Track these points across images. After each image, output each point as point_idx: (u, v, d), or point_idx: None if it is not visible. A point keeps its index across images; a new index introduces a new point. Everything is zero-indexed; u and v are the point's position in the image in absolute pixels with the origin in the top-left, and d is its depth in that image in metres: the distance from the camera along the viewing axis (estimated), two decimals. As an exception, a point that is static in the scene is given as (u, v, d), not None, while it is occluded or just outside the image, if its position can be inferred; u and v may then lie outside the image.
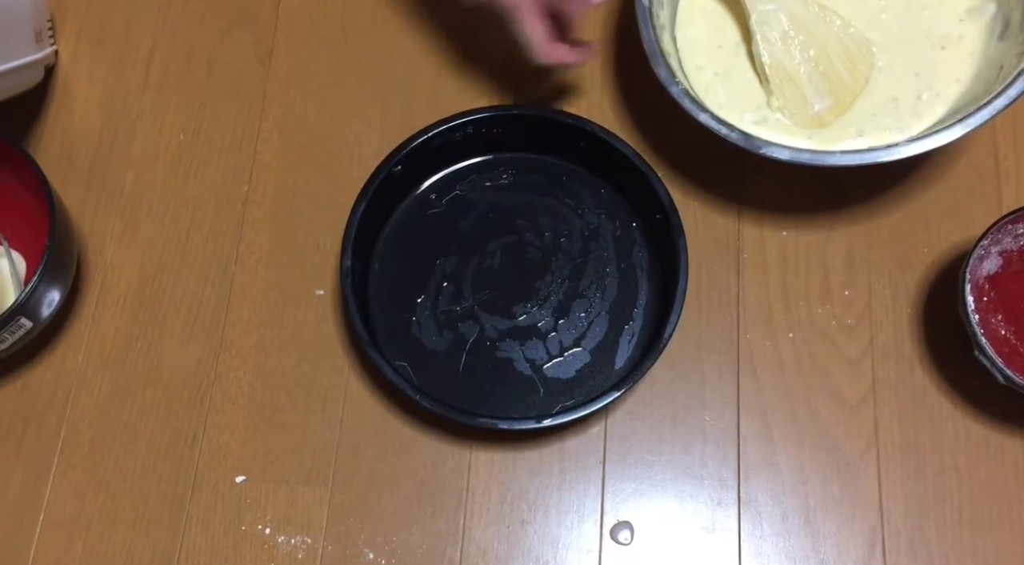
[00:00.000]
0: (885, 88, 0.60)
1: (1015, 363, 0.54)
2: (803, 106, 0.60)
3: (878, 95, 0.60)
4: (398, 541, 0.57)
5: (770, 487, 0.57)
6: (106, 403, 0.61)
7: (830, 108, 0.60)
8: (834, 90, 0.60)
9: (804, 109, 0.60)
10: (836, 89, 0.60)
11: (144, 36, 0.70)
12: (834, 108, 0.60)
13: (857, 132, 0.59)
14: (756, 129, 0.59)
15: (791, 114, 0.60)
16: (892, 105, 0.59)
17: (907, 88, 0.60)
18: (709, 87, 0.61)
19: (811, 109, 0.60)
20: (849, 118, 0.60)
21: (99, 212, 0.65)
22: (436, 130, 0.61)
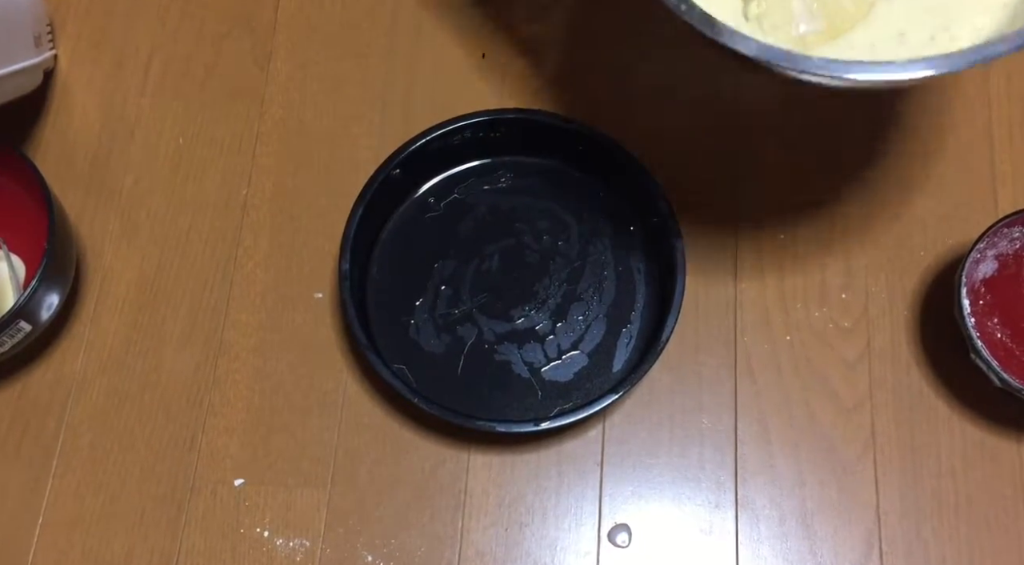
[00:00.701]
0: (892, 19, 0.49)
1: (1011, 366, 0.54)
2: (786, 21, 0.50)
3: (882, 26, 0.49)
4: (396, 544, 0.57)
5: (767, 490, 0.58)
6: (105, 406, 0.61)
7: (818, 31, 0.50)
8: (828, 10, 0.50)
9: (787, 25, 0.50)
10: (831, 9, 0.50)
11: (143, 40, 0.70)
12: (824, 32, 0.50)
13: None
14: None
15: (770, 28, 0.50)
16: (897, 41, 0.49)
17: (919, 24, 0.49)
18: None
19: (795, 28, 0.50)
20: (840, 46, 0.49)
21: (98, 215, 0.65)
22: (434, 133, 0.61)
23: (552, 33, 0.68)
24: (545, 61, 0.68)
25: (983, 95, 0.65)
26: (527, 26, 0.69)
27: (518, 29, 0.69)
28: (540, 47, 0.68)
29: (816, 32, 0.50)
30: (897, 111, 0.65)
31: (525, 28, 0.68)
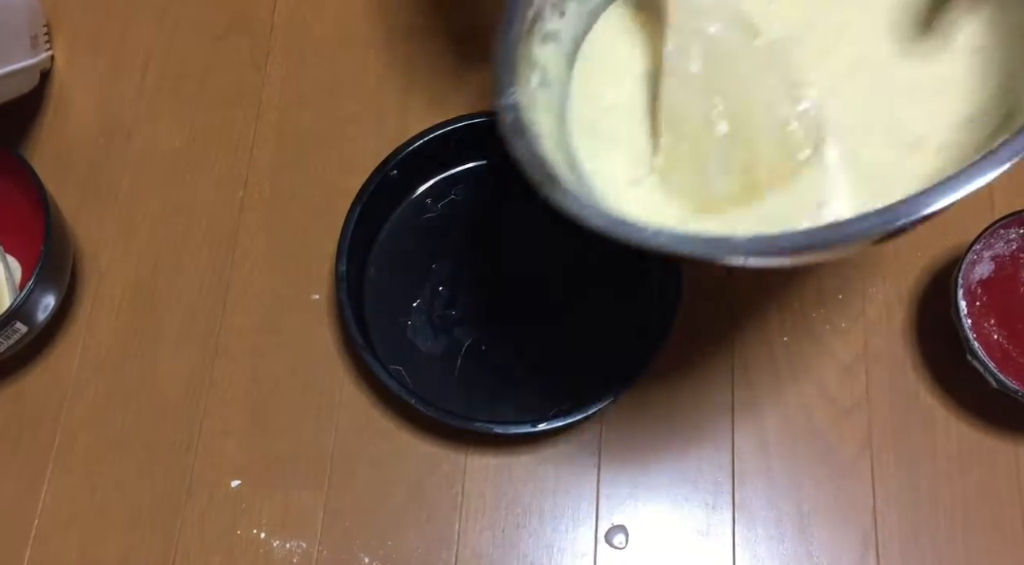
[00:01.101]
0: (817, 186, 0.41)
1: (1008, 367, 0.54)
2: (695, 180, 0.43)
3: (804, 191, 0.41)
4: (393, 545, 0.57)
5: (764, 491, 0.58)
6: (101, 408, 0.61)
7: (730, 194, 0.42)
8: (746, 172, 0.42)
9: (695, 184, 0.43)
10: (749, 171, 0.42)
11: (140, 42, 0.70)
12: (736, 196, 0.42)
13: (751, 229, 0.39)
14: (627, 190, 0.43)
15: (674, 185, 0.43)
16: (816, 211, 0.41)
17: (848, 195, 0.41)
18: (594, 122, 0.45)
19: (705, 187, 0.43)
20: (748, 212, 0.42)
21: (95, 217, 0.65)
22: (432, 135, 0.61)
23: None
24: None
25: (979, 97, 0.65)
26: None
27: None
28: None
29: (727, 194, 0.43)
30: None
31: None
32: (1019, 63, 0.35)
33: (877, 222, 0.34)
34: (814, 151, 0.42)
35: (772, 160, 0.42)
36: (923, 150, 0.41)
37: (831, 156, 0.42)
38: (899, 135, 0.41)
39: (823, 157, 0.42)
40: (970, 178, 0.34)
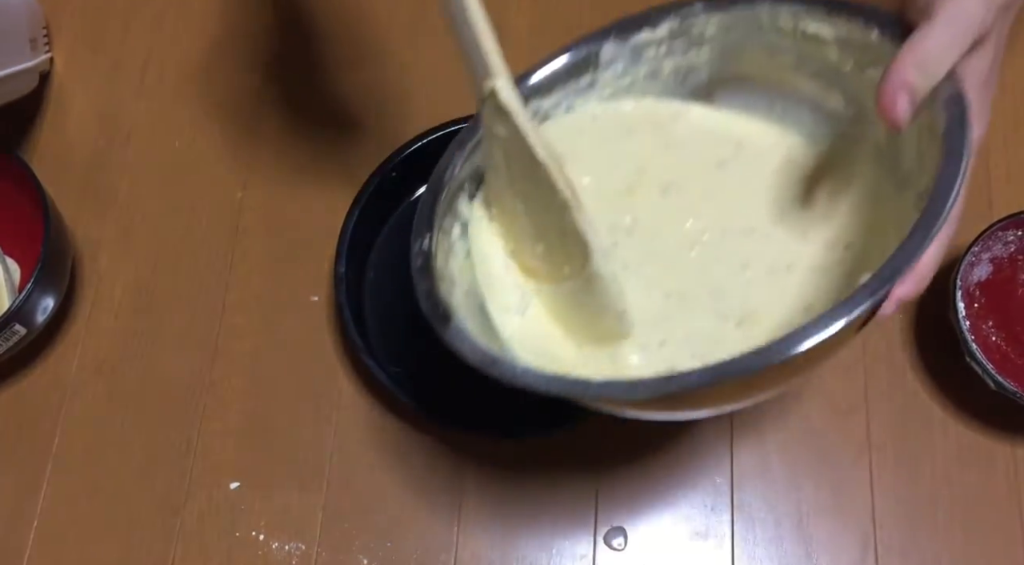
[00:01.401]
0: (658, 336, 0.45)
1: (1006, 369, 0.54)
2: (567, 320, 0.46)
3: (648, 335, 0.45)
4: (392, 547, 0.57)
5: (763, 493, 0.58)
6: (100, 410, 0.61)
7: (597, 336, 0.45)
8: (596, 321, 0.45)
9: (568, 323, 0.46)
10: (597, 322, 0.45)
11: (139, 43, 0.70)
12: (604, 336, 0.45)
13: None
14: (520, 327, 0.46)
15: (558, 321, 0.47)
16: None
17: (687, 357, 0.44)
18: (489, 274, 0.48)
19: (574, 327, 0.46)
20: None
21: (94, 219, 0.65)
22: (431, 137, 0.61)
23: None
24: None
25: (977, 99, 0.65)
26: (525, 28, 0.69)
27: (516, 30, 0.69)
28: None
29: (598, 337, 0.46)
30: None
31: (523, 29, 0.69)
32: (873, 261, 0.37)
33: (707, 378, 0.36)
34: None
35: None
36: (752, 325, 0.43)
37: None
38: (731, 307, 0.44)
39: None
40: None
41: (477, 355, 0.41)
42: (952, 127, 0.37)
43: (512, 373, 0.40)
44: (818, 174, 0.47)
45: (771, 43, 0.45)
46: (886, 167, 0.43)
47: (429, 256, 0.45)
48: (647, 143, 0.49)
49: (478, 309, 0.46)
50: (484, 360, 0.40)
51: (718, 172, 0.48)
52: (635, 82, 0.49)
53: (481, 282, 0.47)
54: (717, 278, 0.46)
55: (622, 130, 0.49)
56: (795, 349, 0.35)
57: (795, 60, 0.45)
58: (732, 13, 0.45)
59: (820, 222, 0.45)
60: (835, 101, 0.45)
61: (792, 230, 0.46)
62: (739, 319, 0.44)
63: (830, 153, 0.46)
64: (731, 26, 0.46)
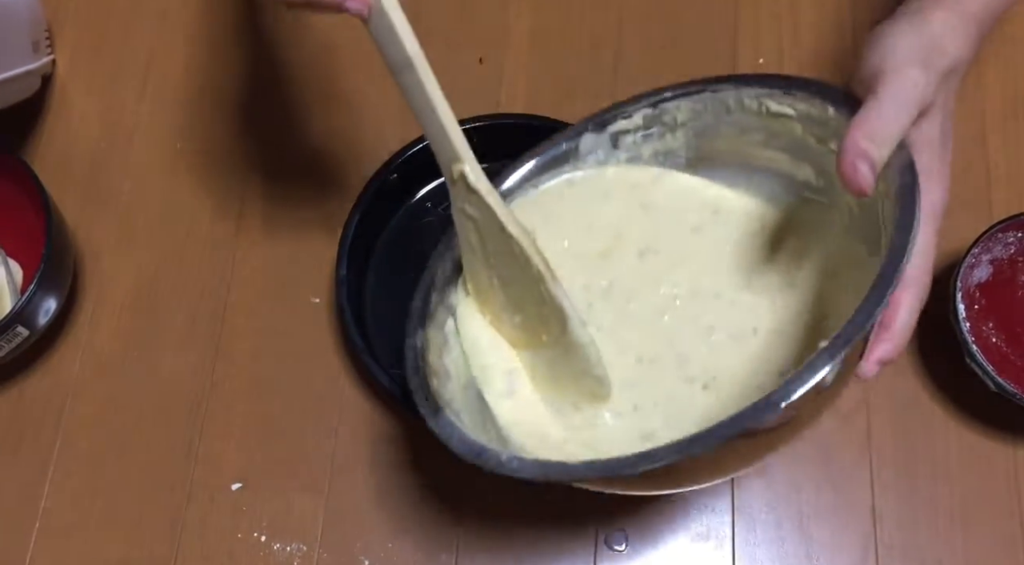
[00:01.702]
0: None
1: (1006, 370, 0.54)
2: (555, 389, 0.49)
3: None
4: (393, 548, 0.57)
5: (764, 494, 0.58)
6: (102, 411, 0.61)
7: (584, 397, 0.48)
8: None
9: (557, 392, 0.49)
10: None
11: (141, 46, 0.70)
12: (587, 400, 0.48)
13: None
14: (511, 410, 0.48)
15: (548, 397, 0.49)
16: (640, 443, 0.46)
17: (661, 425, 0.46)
18: (479, 359, 0.50)
19: (562, 394, 0.48)
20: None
21: (96, 221, 0.65)
22: (432, 139, 0.61)
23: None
24: (542, 67, 0.68)
25: (977, 100, 0.65)
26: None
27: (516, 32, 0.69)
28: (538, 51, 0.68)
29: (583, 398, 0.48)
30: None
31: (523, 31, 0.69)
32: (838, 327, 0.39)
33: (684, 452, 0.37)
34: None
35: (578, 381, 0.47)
36: (718, 389, 0.46)
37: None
38: (696, 371, 0.46)
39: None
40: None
41: (464, 446, 0.42)
42: (903, 194, 0.39)
43: (498, 462, 0.41)
44: (790, 242, 0.48)
45: (740, 122, 0.48)
46: (857, 234, 0.44)
47: (421, 352, 0.47)
48: (624, 205, 0.51)
49: (477, 400, 0.48)
50: (471, 451, 0.42)
51: (693, 237, 0.50)
52: (617, 163, 0.52)
53: (476, 373, 0.48)
54: (684, 342, 0.48)
55: (599, 194, 0.51)
56: (764, 416, 0.35)
57: (765, 137, 0.48)
58: (700, 98, 0.49)
59: (787, 288, 0.47)
60: (805, 173, 0.47)
61: (759, 295, 0.48)
62: (704, 383, 0.46)
63: (803, 222, 0.48)
64: (701, 110, 0.49)
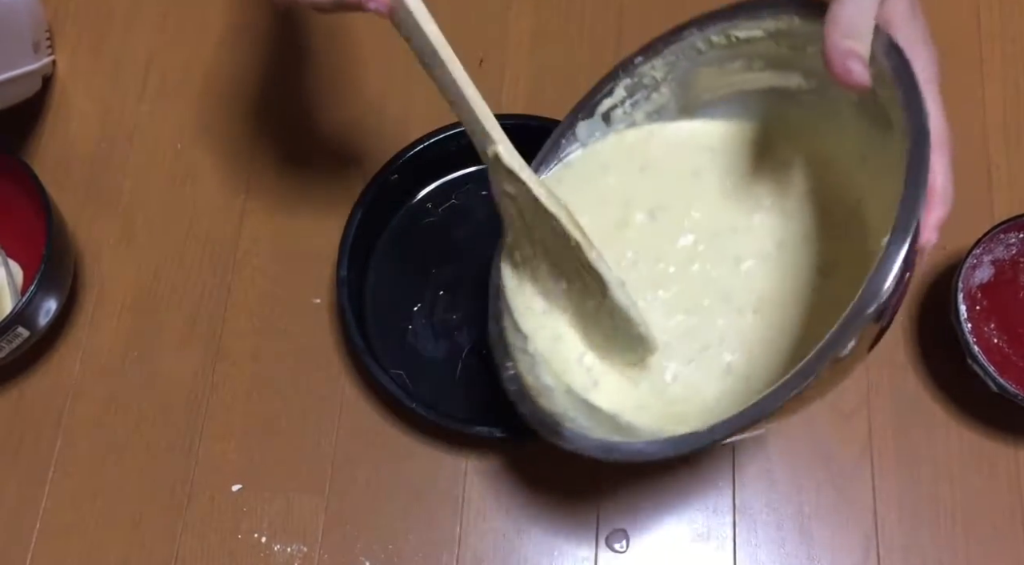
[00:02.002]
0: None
1: (1008, 371, 0.54)
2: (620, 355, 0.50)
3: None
4: (394, 549, 0.57)
5: (765, 495, 0.58)
6: (102, 412, 0.61)
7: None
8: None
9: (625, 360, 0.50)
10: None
11: (141, 46, 0.70)
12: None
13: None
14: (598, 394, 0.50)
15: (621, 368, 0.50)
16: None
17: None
18: (560, 360, 0.51)
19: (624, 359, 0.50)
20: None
21: (96, 221, 0.65)
22: (432, 139, 0.61)
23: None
24: (544, 67, 0.68)
25: (978, 101, 0.65)
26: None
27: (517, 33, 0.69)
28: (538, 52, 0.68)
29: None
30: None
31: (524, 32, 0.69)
32: (874, 212, 0.42)
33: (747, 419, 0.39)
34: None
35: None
36: (767, 309, 0.48)
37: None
38: (742, 301, 0.48)
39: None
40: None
41: (598, 449, 0.44)
42: (899, 76, 0.40)
43: (636, 452, 0.43)
44: (789, 151, 0.50)
45: (716, 58, 0.49)
46: (864, 116, 0.45)
47: (519, 379, 0.48)
48: (624, 172, 0.52)
49: (580, 400, 0.49)
50: (604, 450, 0.44)
51: (696, 181, 0.51)
52: (616, 133, 0.53)
53: (561, 377, 0.50)
54: (720, 281, 0.49)
55: (598, 168, 0.53)
56: (871, 305, 0.37)
57: (743, 63, 0.49)
58: (670, 51, 0.50)
59: (800, 195, 0.49)
60: (794, 80, 0.48)
61: (773, 212, 0.49)
62: (753, 308, 0.48)
63: (802, 125, 0.49)
64: (675, 61, 0.50)
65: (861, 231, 0.46)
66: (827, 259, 0.47)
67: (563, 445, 0.45)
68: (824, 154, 0.48)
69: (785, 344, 0.47)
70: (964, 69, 0.66)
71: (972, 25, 0.67)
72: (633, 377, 0.49)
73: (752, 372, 0.47)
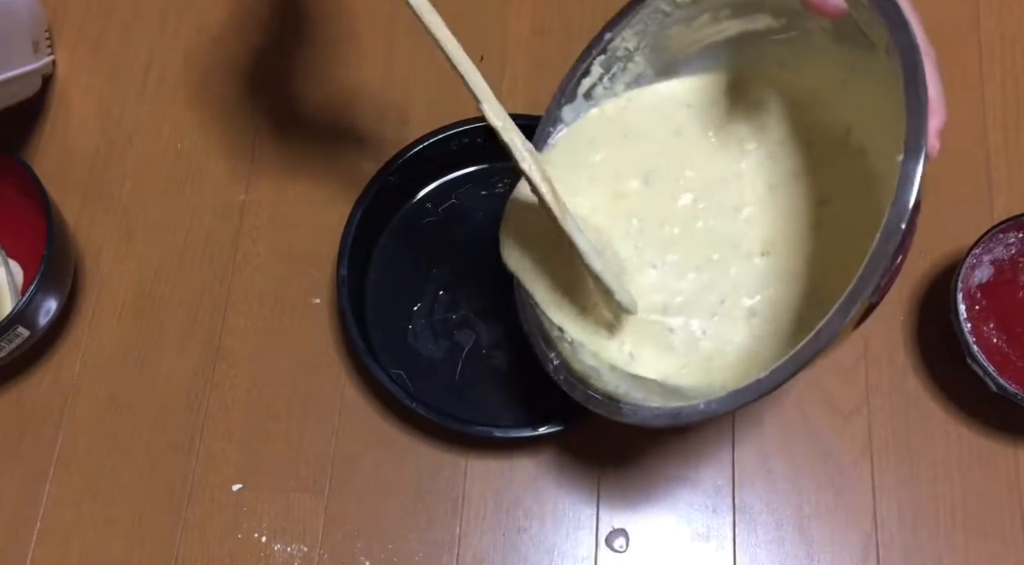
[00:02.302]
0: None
1: (1007, 371, 0.54)
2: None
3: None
4: (394, 549, 0.57)
5: (764, 494, 0.58)
6: (103, 411, 0.61)
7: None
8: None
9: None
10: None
11: (141, 46, 0.70)
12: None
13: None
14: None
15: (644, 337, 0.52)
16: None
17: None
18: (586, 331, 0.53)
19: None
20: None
21: (96, 221, 0.65)
22: (432, 139, 0.61)
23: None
24: (543, 65, 0.68)
25: (978, 100, 0.65)
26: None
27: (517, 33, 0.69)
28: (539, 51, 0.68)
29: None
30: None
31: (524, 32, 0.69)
32: (867, 131, 0.43)
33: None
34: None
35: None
36: (775, 250, 0.49)
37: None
38: (749, 246, 0.50)
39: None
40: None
41: (663, 417, 0.44)
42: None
43: (699, 413, 0.43)
44: (766, 92, 0.51)
45: (683, 17, 0.51)
46: (843, 42, 0.46)
47: (565, 368, 0.49)
48: (609, 143, 0.53)
49: (626, 375, 0.50)
50: (671, 417, 0.43)
51: (679, 139, 0.53)
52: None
53: (603, 355, 0.51)
54: (725, 233, 0.51)
55: (585, 143, 0.54)
56: (895, 239, 0.37)
57: (710, 15, 0.51)
58: (637, 19, 0.52)
59: (783, 136, 0.50)
60: (764, 21, 0.49)
61: (758, 156, 0.51)
62: (761, 251, 0.49)
63: (778, 64, 0.50)
64: (644, 28, 0.52)
65: (859, 158, 0.47)
66: (824, 191, 0.48)
67: (625, 420, 0.45)
68: (803, 89, 0.49)
69: (801, 277, 0.48)
70: (963, 69, 0.66)
71: (971, 25, 0.67)
72: (665, 342, 0.50)
73: (776, 311, 0.48)
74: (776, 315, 0.48)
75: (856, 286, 0.38)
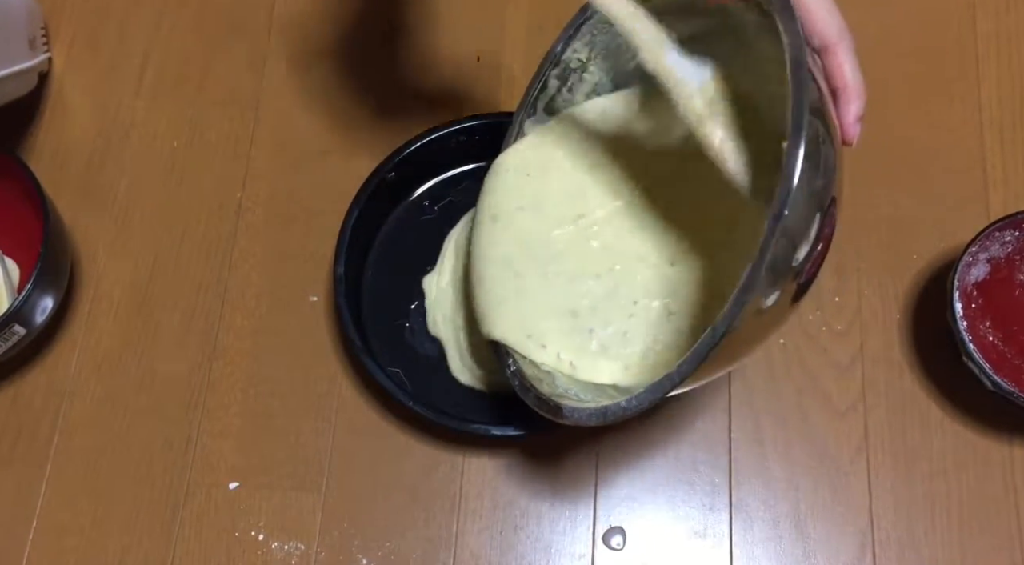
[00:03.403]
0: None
1: (1003, 369, 0.55)
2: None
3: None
4: (391, 547, 0.57)
5: (761, 492, 0.58)
6: (99, 410, 0.61)
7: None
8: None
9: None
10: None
11: (138, 43, 0.70)
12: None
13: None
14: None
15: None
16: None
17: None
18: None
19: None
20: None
21: (92, 219, 0.65)
22: (429, 137, 0.61)
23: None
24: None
25: (974, 99, 0.66)
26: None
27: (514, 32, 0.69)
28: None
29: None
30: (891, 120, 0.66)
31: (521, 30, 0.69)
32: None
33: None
34: None
35: None
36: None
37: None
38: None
39: None
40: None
41: (592, 417, 0.45)
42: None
43: (622, 410, 0.44)
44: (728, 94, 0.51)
45: None
46: (765, 33, 0.45)
47: (519, 374, 0.51)
48: (566, 160, 0.55)
49: (579, 380, 0.51)
50: (598, 416, 0.45)
51: (597, 156, 0.55)
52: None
53: (544, 367, 0.52)
54: (625, 248, 0.53)
55: (538, 169, 0.56)
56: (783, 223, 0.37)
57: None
58: (585, 30, 0.53)
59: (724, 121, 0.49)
60: (699, 23, 0.49)
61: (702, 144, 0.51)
62: (670, 262, 0.52)
63: (729, 68, 0.49)
64: (592, 38, 0.53)
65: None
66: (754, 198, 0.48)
67: (566, 422, 0.46)
68: (745, 90, 0.49)
69: (711, 281, 0.50)
70: (960, 69, 0.66)
71: (968, 25, 0.67)
72: (589, 345, 0.51)
73: (691, 309, 0.50)
74: (692, 311, 0.49)
75: (749, 275, 0.38)
